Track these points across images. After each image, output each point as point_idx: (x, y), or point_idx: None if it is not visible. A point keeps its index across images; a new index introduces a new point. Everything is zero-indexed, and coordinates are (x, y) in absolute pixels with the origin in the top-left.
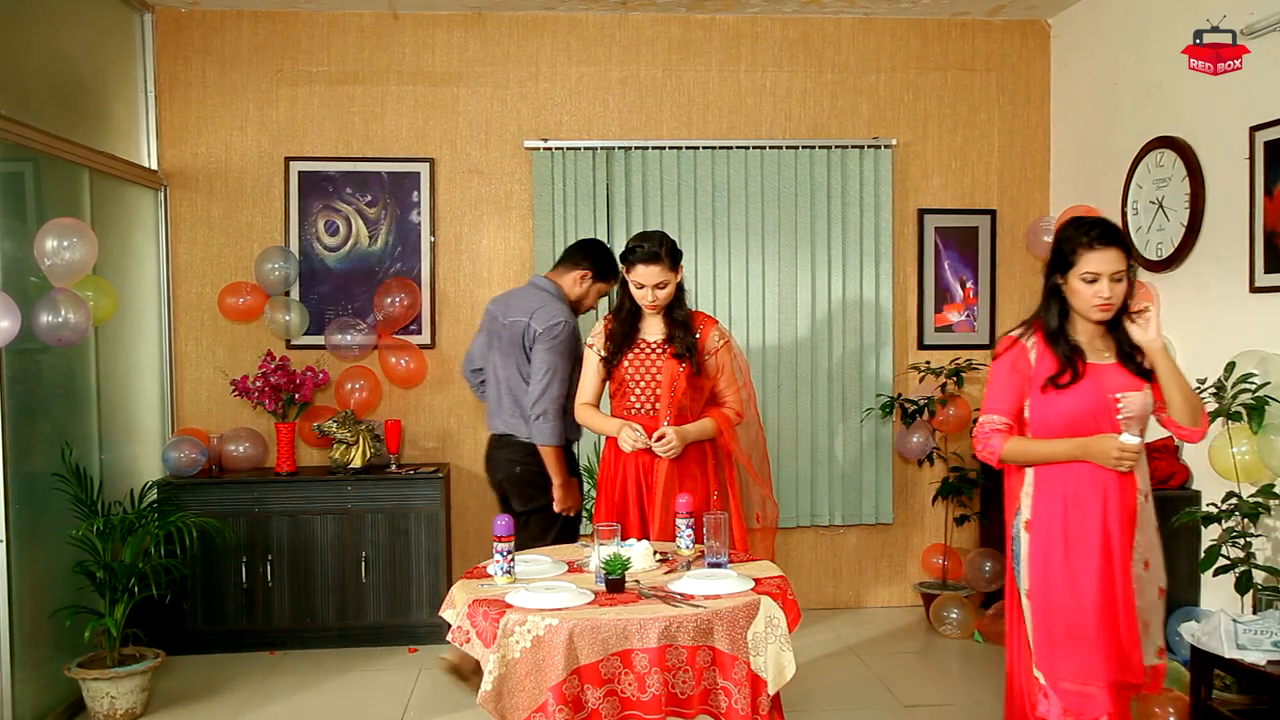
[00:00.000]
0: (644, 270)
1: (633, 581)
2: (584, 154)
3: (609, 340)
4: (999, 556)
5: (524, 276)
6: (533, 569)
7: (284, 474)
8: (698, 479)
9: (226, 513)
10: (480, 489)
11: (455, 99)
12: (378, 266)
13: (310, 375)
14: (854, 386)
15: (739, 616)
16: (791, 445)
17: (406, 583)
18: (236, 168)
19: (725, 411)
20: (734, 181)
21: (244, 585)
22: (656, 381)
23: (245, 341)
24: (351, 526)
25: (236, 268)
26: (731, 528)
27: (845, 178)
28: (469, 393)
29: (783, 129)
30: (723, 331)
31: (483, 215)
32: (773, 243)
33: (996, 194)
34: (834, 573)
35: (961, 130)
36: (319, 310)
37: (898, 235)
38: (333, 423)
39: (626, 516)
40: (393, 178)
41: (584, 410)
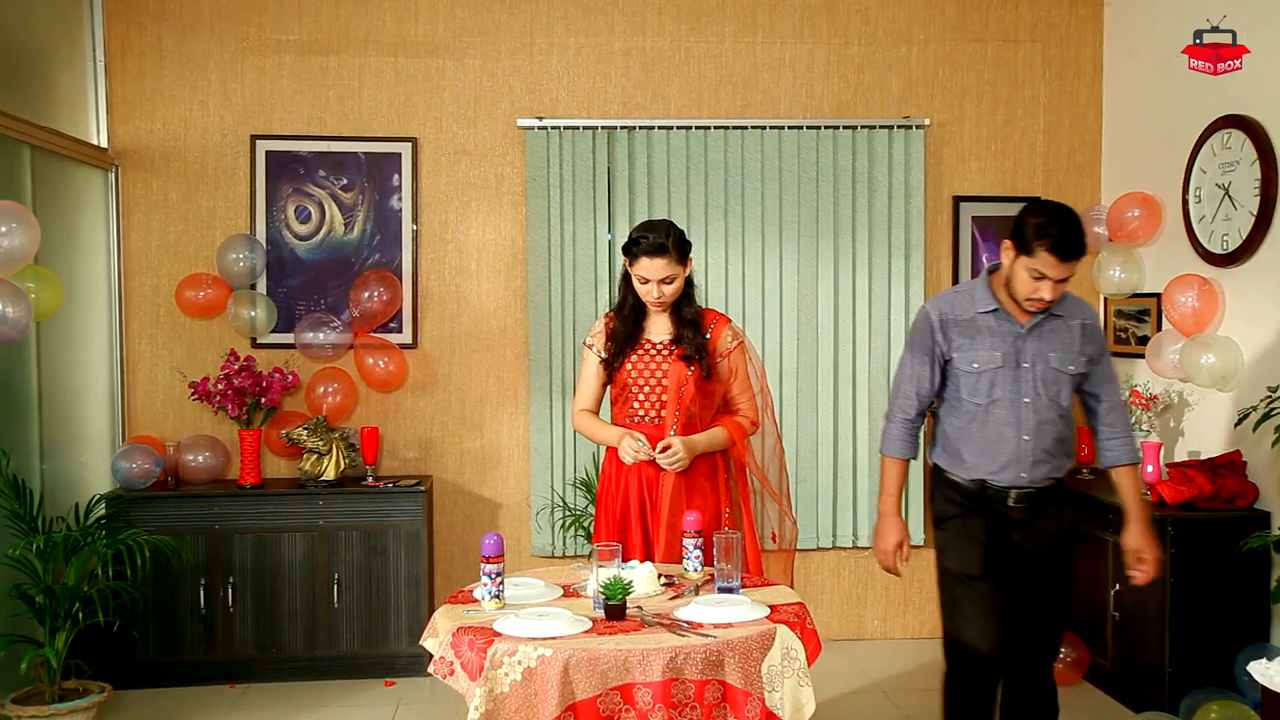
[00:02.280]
0: (649, 263)
1: (635, 608)
2: (583, 134)
3: (610, 340)
4: None
5: (515, 266)
6: (524, 593)
7: (248, 487)
8: (707, 494)
9: (183, 530)
10: (466, 505)
11: (441, 72)
12: (354, 257)
13: (278, 377)
14: (881, 392)
15: (752, 647)
16: (811, 457)
17: (384, 608)
18: (196, 146)
19: (738, 420)
20: (749, 165)
21: (202, 611)
22: (662, 386)
23: (205, 340)
24: (323, 545)
25: (196, 258)
26: (744, 549)
27: (872, 161)
28: (454, 398)
29: (803, 107)
30: (736, 331)
31: (470, 201)
32: (791, 233)
33: (1041, 180)
34: (858, 599)
35: (1003, 108)
36: (288, 305)
37: (930, 225)
38: (303, 430)
39: (628, 535)
40: (371, 159)
41: (582, 417)
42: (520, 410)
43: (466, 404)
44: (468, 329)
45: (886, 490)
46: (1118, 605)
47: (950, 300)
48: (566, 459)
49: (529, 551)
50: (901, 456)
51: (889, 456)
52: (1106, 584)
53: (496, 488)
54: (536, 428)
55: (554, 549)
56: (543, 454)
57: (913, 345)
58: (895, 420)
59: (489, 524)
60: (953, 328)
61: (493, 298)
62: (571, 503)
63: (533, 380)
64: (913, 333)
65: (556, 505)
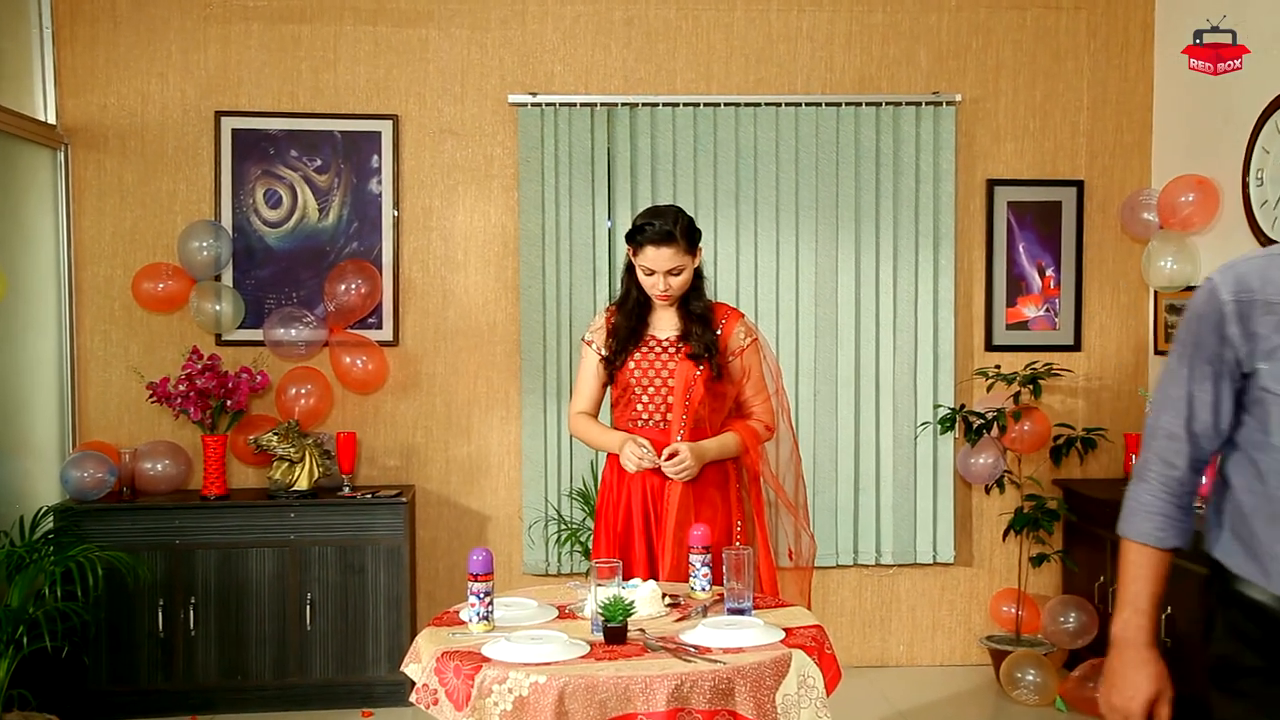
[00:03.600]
0: (654, 253)
1: (637, 631)
2: (580, 111)
3: (611, 337)
4: (1086, 605)
5: (506, 256)
6: (515, 615)
7: (212, 498)
8: (717, 506)
9: (139, 545)
10: (452, 517)
11: (424, 43)
12: (329, 246)
13: (245, 378)
14: (907, 396)
15: (766, 675)
16: (831, 466)
17: (361, 631)
18: (155, 124)
19: (752, 424)
20: (762, 146)
21: (160, 635)
22: (668, 387)
23: (165, 336)
24: (294, 562)
25: (155, 246)
26: (758, 566)
27: (898, 141)
28: (439, 400)
29: (822, 82)
30: (749, 327)
31: (457, 185)
32: (809, 220)
33: (1085, 161)
34: (882, 622)
35: (1042, 83)
36: (257, 299)
37: (962, 212)
38: (273, 435)
39: (630, 551)
40: (348, 139)
41: (579, 421)
42: (512, 414)
43: (453, 407)
44: (454, 325)
45: (1128, 601)
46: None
47: (1261, 269)
48: (562, 467)
49: (521, 569)
50: (1159, 544)
51: (1135, 542)
52: None
53: (485, 499)
54: (529, 433)
55: (548, 566)
56: (536, 462)
57: (1183, 349)
58: (1149, 479)
59: (477, 539)
60: (1262, 315)
61: (482, 290)
62: (568, 515)
63: (525, 381)
64: (1185, 328)
65: (551, 518)
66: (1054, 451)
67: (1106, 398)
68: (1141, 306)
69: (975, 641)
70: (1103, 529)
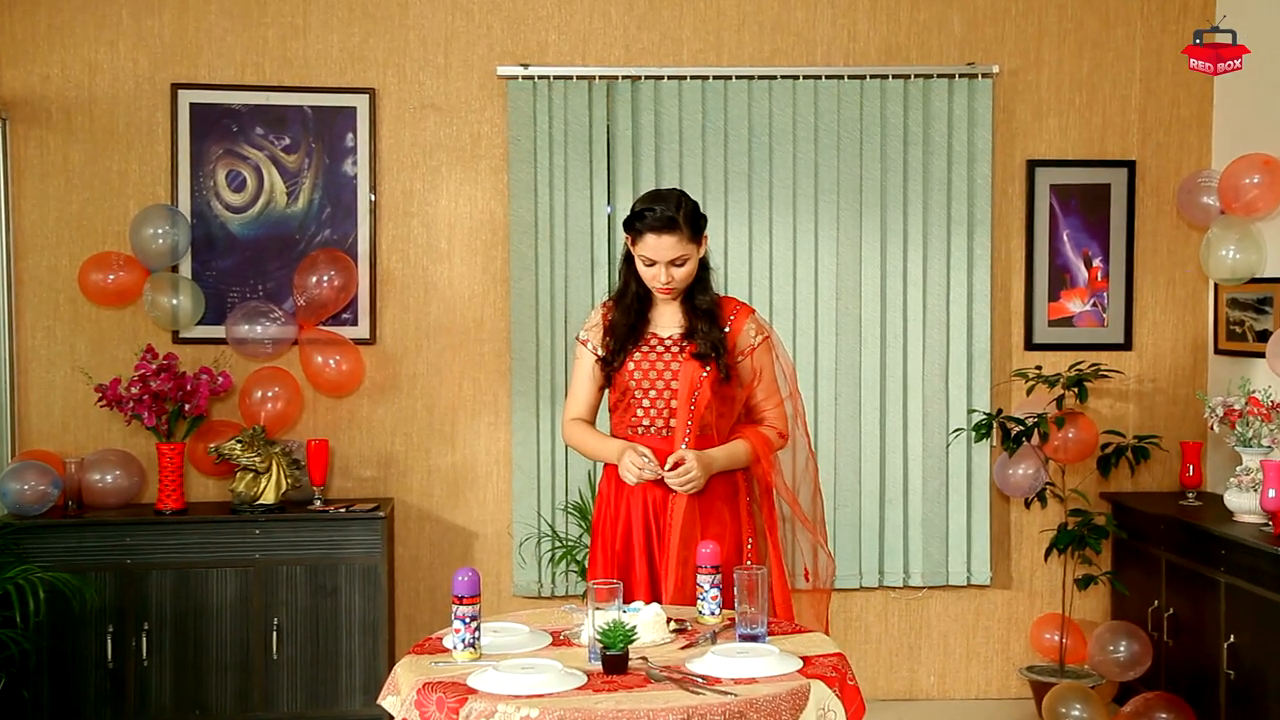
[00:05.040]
0: (655, 242)
1: (639, 659)
2: (577, 85)
3: (608, 335)
4: (1138, 633)
5: (495, 245)
6: (504, 641)
7: (167, 513)
8: (726, 521)
9: (87, 566)
10: (435, 534)
11: (404, 8)
12: (299, 234)
13: (206, 379)
14: (938, 399)
15: (782, 708)
16: (853, 477)
17: (333, 660)
18: (105, 97)
19: (764, 431)
20: (778, 124)
21: (110, 665)
22: (671, 390)
23: (116, 333)
24: (259, 584)
25: (105, 233)
26: (772, 588)
27: (929, 118)
28: (420, 404)
29: (844, 53)
30: (761, 323)
31: (441, 166)
32: (829, 206)
33: (1137, 139)
34: (910, 650)
35: (1090, 52)
36: (218, 292)
37: (999, 196)
38: (235, 443)
39: (631, 571)
40: (319, 115)
41: (574, 428)
42: (501, 419)
43: (436, 412)
44: (437, 321)
45: None
46: (1233, 661)
47: None
48: (556, 478)
49: (510, 591)
50: None
51: None
52: (1219, 634)
53: (472, 513)
54: (520, 440)
55: (541, 587)
56: (528, 472)
57: None
58: None
59: (462, 558)
60: None
61: (468, 283)
62: (562, 531)
63: (516, 383)
64: None
65: (544, 534)
66: (1102, 462)
67: (1161, 402)
68: (1200, 300)
69: (1014, 672)
70: (1156, 547)
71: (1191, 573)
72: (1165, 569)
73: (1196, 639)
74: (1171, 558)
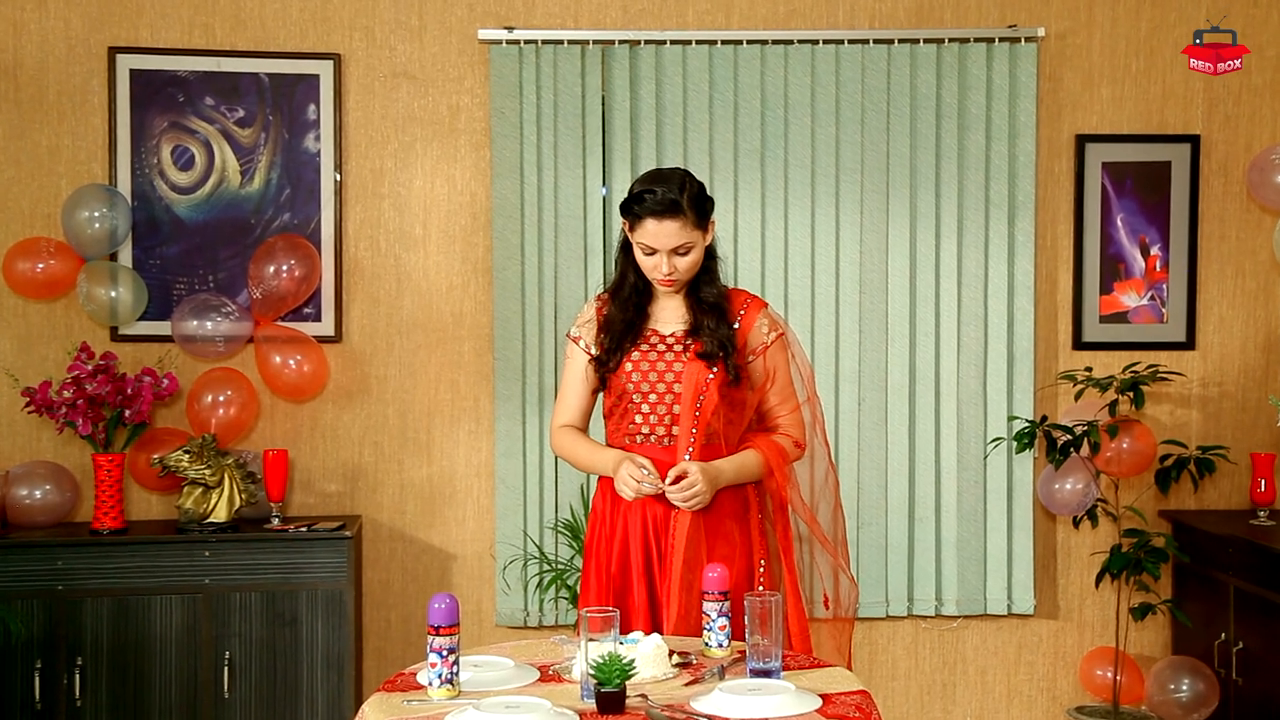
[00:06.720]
0: (655, 228)
1: (637, 696)
2: (568, 50)
3: (603, 332)
4: (1203, 669)
5: (477, 230)
6: (486, 677)
7: (105, 532)
8: (735, 542)
9: (13, 592)
10: (408, 556)
11: None
12: (255, 218)
13: (149, 382)
14: (974, 405)
15: None
16: (879, 492)
17: (293, 697)
18: (32, 63)
19: (778, 440)
20: (794, 94)
21: (38, 705)
22: (674, 394)
23: (47, 330)
24: (209, 613)
25: (33, 216)
26: (787, 617)
27: (965, 88)
28: (392, 410)
29: (869, 14)
30: (775, 319)
31: (415, 142)
32: (852, 187)
33: (1201, 112)
34: (944, 687)
35: (1148, 12)
36: (163, 283)
37: (1044, 174)
38: (183, 454)
39: (629, 598)
40: (277, 83)
41: (565, 437)
42: (482, 427)
43: (409, 418)
44: (411, 316)
45: None
46: None
47: None
48: (545, 494)
49: (493, 620)
50: None
51: None
52: None
53: (449, 532)
54: (504, 451)
55: (527, 616)
56: (513, 487)
57: None
58: None
59: (439, 583)
60: None
61: (446, 274)
62: (551, 553)
63: (499, 386)
64: None
65: (531, 557)
66: (1160, 475)
67: (1228, 408)
68: (1273, 294)
69: (1062, 713)
70: (1223, 573)
71: (1264, 601)
72: (1234, 597)
73: (1270, 676)
74: (1240, 584)
